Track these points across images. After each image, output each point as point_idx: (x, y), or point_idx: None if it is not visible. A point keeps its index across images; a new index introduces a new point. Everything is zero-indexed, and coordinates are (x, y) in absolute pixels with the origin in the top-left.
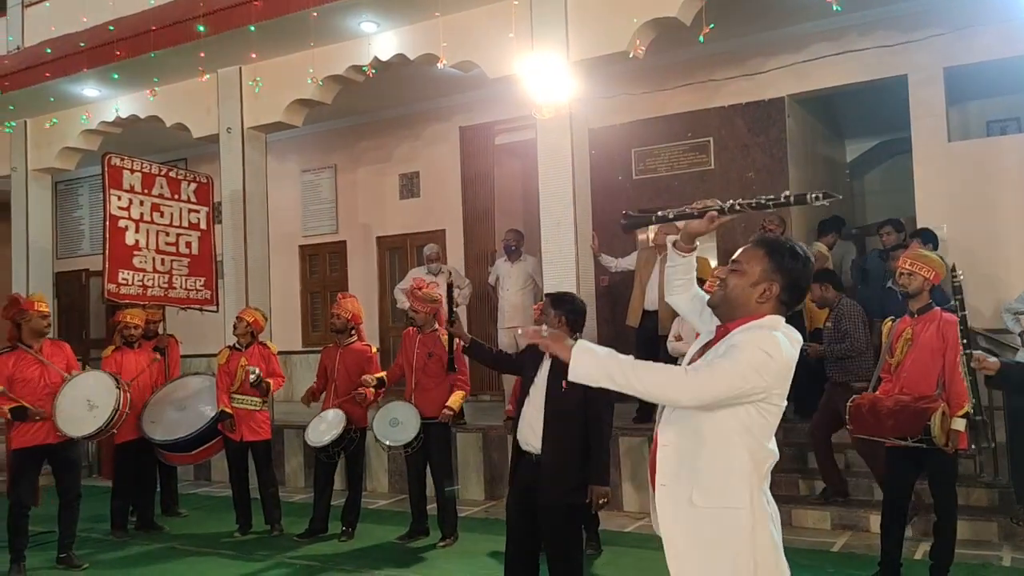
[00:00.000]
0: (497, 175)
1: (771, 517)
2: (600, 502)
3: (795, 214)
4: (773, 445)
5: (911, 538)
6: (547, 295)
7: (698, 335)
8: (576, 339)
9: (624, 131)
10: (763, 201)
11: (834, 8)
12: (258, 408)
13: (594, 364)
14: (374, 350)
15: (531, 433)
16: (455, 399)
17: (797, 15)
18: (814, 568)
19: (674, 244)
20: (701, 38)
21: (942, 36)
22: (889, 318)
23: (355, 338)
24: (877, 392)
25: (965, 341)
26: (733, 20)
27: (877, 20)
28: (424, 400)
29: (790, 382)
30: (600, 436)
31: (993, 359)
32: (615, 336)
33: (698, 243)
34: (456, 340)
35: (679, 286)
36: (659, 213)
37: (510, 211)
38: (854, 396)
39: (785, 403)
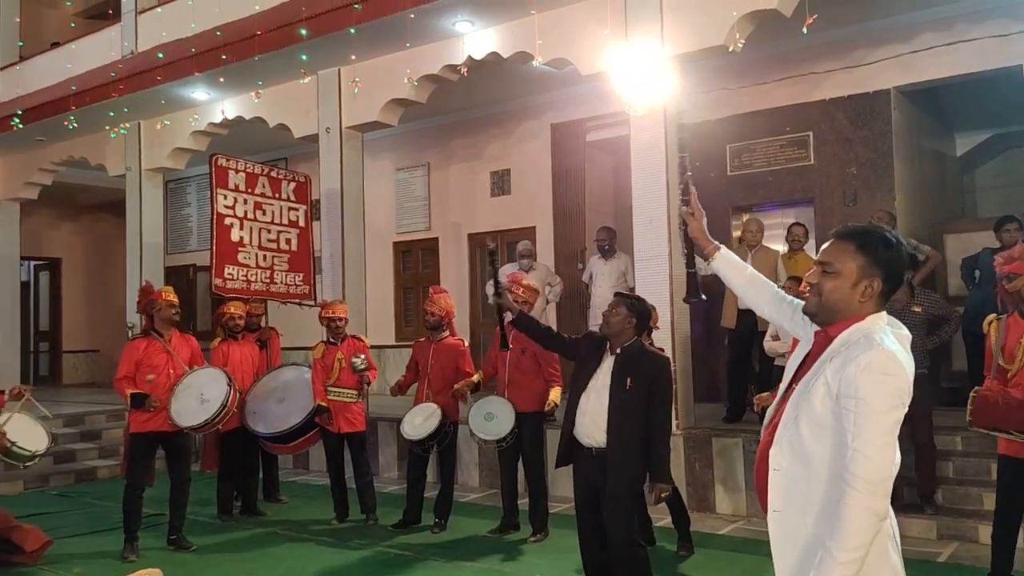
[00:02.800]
0: (588, 172)
1: (892, 538)
2: (661, 496)
3: (903, 210)
4: (897, 455)
5: (1022, 548)
6: (619, 295)
7: (795, 340)
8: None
9: (719, 127)
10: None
11: None
12: (354, 400)
13: None
14: (466, 344)
15: (593, 427)
16: (555, 394)
17: (904, 4)
18: None
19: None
20: (805, 29)
21: None
22: (992, 315)
23: (447, 333)
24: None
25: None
26: (836, 10)
27: (989, 8)
28: (517, 395)
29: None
30: (662, 432)
31: None
32: (707, 335)
33: (719, 244)
34: (506, 313)
35: (753, 294)
36: (691, 265)
37: (601, 208)
38: (977, 387)
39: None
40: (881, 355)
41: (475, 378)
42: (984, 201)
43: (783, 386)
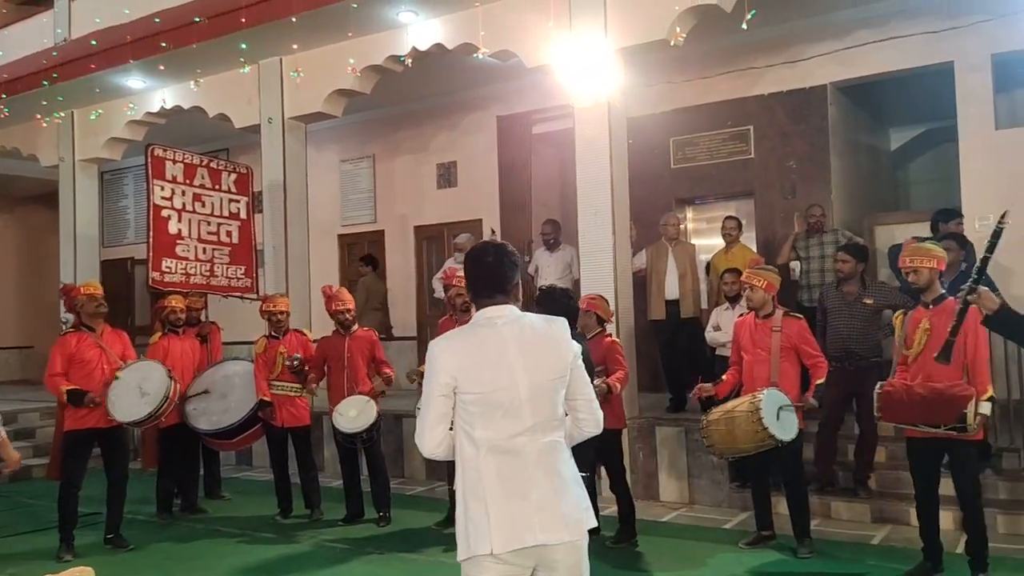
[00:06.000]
0: (534, 164)
1: (484, 499)
2: None
3: (838, 203)
4: (485, 433)
5: (953, 531)
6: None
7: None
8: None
9: (663, 120)
10: None
11: None
12: (297, 394)
13: None
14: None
15: None
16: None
17: (840, 1)
18: (854, 562)
19: None
20: (744, 25)
21: (989, 22)
22: (899, 312)
23: (357, 325)
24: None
25: (976, 277)
26: (775, 7)
27: (922, 6)
28: None
29: (469, 371)
30: None
31: (997, 299)
32: (647, 328)
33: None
34: None
35: None
36: None
37: (547, 200)
38: (881, 383)
39: (482, 391)
40: (431, 347)
41: (422, 368)
42: (916, 194)
43: None
